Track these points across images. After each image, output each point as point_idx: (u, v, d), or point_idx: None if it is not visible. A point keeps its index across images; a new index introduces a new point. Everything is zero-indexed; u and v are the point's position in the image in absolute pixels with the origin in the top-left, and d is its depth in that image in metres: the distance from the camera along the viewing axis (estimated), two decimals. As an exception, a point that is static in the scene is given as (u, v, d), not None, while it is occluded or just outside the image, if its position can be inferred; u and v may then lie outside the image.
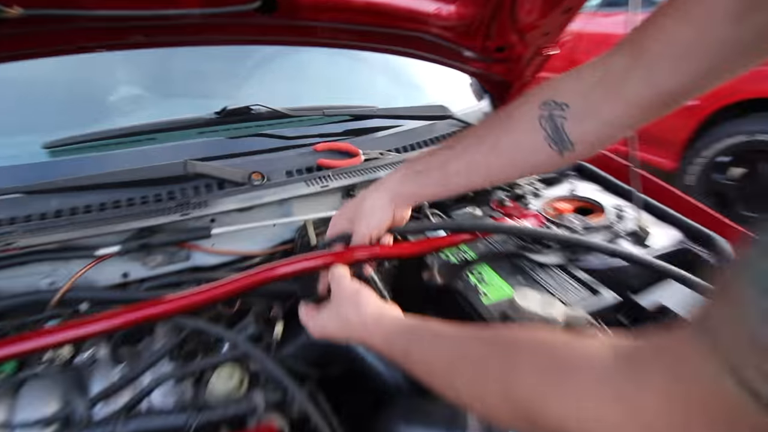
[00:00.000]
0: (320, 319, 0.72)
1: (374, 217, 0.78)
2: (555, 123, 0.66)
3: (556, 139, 0.67)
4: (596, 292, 0.88)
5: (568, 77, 0.68)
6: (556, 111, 0.66)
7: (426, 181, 0.76)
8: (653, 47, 0.57)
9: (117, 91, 1.35)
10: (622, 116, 0.63)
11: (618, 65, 0.62)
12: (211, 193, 1.01)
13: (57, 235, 0.85)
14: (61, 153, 1.03)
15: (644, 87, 0.59)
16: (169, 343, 0.83)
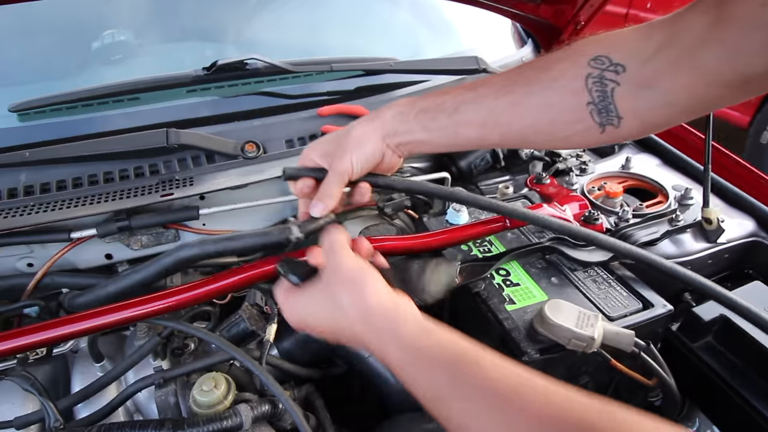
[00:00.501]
0: (301, 302, 0.59)
1: (361, 151, 0.65)
2: (605, 87, 0.54)
3: (602, 108, 0.55)
4: (645, 300, 0.78)
5: (629, 33, 0.55)
6: (608, 72, 0.54)
7: (429, 125, 0.64)
8: (740, 12, 0.46)
9: (101, 36, 1.26)
10: (688, 93, 0.51)
11: (693, 29, 0.49)
12: (199, 167, 0.94)
13: (28, 217, 0.80)
14: (30, 117, 0.96)
15: (722, 61, 0.48)
16: (152, 342, 0.79)
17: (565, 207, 0.94)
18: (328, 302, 0.56)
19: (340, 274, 0.56)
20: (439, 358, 0.48)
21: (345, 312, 0.54)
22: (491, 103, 0.62)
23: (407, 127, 0.65)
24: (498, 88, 0.62)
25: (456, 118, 0.63)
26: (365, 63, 1.14)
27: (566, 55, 0.58)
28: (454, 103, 0.64)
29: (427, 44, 1.43)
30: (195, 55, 1.25)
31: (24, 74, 1.12)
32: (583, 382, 0.78)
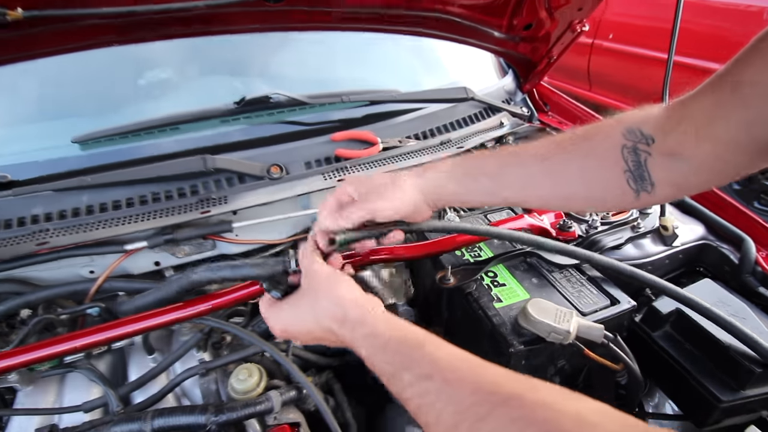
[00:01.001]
0: (284, 314, 0.57)
1: (400, 202, 0.62)
2: (638, 157, 0.53)
3: (637, 175, 0.54)
4: (612, 297, 0.79)
5: (654, 110, 0.55)
6: (641, 144, 0.53)
7: (472, 186, 0.62)
8: (748, 91, 0.44)
9: (144, 75, 1.26)
10: (714, 160, 0.49)
11: (706, 104, 0.49)
12: (231, 187, 0.94)
13: (89, 233, 0.82)
14: (89, 146, 0.97)
15: (737, 128, 0.46)
16: (195, 337, 0.80)
17: (543, 217, 0.95)
18: (307, 306, 0.55)
19: (316, 279, 0.55)
20: (398, 344, 0.47)
21: (323, 310, 0.53)
22: (533, 169, 0.60)
23: (451, 189, 0.63)
24: (539, 154, 0.60)
25: (498, 181, 0.61)
26: (371, 95, 1.14)
27: (602, 127, 0.58)
28: (497, 167, 0.62)
29: (421, 76, 1.44)
30: (224, 89, 1.25)
31: (82, 108, 1.13)
32: (561, 367, 0.79)
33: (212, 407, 0.67)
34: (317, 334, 0.54)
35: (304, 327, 0.55)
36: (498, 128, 1.22)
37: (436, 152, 1.07)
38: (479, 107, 1.25)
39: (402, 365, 0.45)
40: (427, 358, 0.44)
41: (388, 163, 1.02)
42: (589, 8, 1.06)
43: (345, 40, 1.29)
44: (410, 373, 0.44)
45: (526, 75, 1.37)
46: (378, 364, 0.47)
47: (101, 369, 0.79)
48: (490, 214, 1.02)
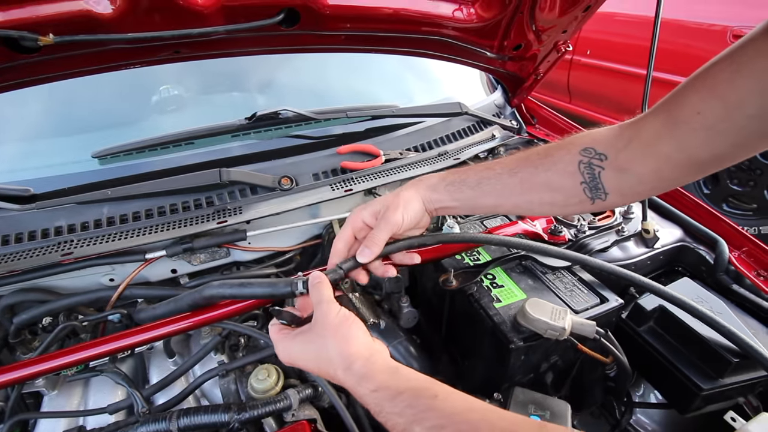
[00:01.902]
0: (294, 346, 0.56)
1: (410, 208, 0.66)
2: (593, 171, 0.58)
3: (592, 186, 0.59)
4: (602, 296, 0.81)
5: (606, 131, 0.60)
6: (595, 160, 0.58)
7: (457, 195, 0.67)
8: (685, 119, 0.50)
9: (158, 91, 1.27)
10: (656, 175, 0.55)
11: (652, 128, 0.54)
12: (245, 198, 0.95)
13: (111, 244, 0.82)
14: (108, 160, 0.97)
15: (676, 151, 0.52)
16: (214, 341, 0.81)
17: (535, 222, 0.97)
18: (317, 349, 0.54)
19: (327, 324, 0.54)
20: (408, 396, 0.46)
21: (331, 358, 0.52)
22: (505, 180, 0.65)
23: (439, 196, 0.68)
24: (510, 168, 0.65)
25: (478, 191, 0.66)
26: (372, 110, 1.17)
27: (563, 145, 0.63)
28: (477, 179, 0.67)
29: (417, 91, 1.46)
30: (236, 106, 1.27)
31: (101, 125, 1.13)
32: (554, 361, 0.81)
33: (235, 406, 0.68)
34: (322, 373, 0.54)
35: (311, 363, 0.55)
36: (490, 140, 1.25)
37: (435, 163, 1.10)
38: (472, 121, 1.28)
39: (413, 418, 0.44)
40: (439, 410, 0.44)
41: (391, 174, 1.04)
42: (573, 30, 1.10)
43: (347, 59, 1.31)
44: (422, 426, 0.44)
45: (514, 90, 1.40)
46: (387, 417, 0.47)
47: (125, 372, 0.79)
48: (486, 221, 1.04)
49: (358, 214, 0.67)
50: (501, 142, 1.24)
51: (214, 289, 0.65)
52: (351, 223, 0.67)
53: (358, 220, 0.67)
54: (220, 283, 0.66)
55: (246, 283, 0.63)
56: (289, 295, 0.61)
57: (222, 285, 0.65)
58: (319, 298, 0.57)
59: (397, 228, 0.65)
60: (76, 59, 0.76)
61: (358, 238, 0.67)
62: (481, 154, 1.23)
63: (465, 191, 0.67)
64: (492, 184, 0.66)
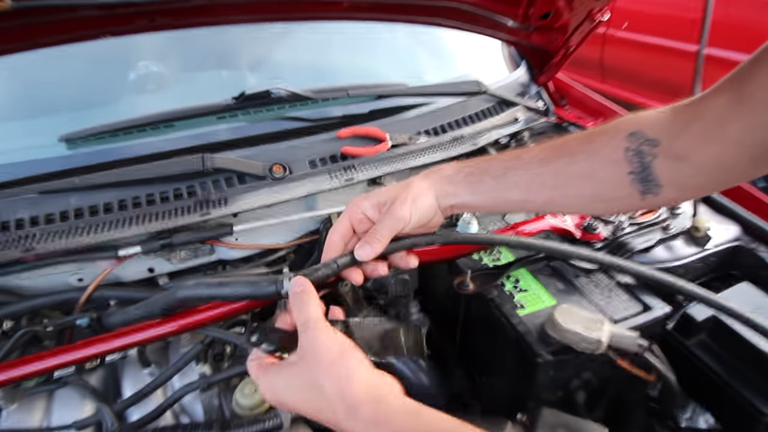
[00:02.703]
0: (279, 382, 0.49)
1: (420, 203, 0.62)
2: (643, 159, 0.55)
3: (642, 177, 0.55)
4: (644, 303, 0.78)
5: (657, 114, 0.57)
6: (645, 146, 0.55)
7: (478, 188, 0.63)
8: (757, 95, 0.47)
9: (137, 69, 1.26)
10: (718, 164, 0.52)
11: (715, 108, 0.51)
12: (231, 187, 0.93)
13: (79, 239, 0.80)
14: (77, 145, 0.96)
15: (746, 133, 0.49)
16: (195, 349, 0.79)
17: (565, 218, 0.94)
18: (308, 386, 0.47)
19: (318, 357, 0.47)
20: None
21: (327, 398, 0.46)
22: (537, 170, 0.61)
23: (455, 189, 0.64)
24: (543, 157, 0.62)
25: (503, 183, 0.62)
26: (377, 89, 1.14)
27: (605, 130, 0.59)
28: (501, 168, 0.63)
29: (428, 68, 1.43)
30: (221, 84, 1.25)
31: (68, 104, 1.12)
32: (588, 378, 0.78)
33: (217, 424, 0.66)
34: (321, 418, 0.48)
35: (305, 406, 0.48)
36: (513, 123, 1.21)
37: (449, 149, 1.07)
38: (492, 101, 1.24)
39: None
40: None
41: (398, 161, 1.02)
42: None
43: (347, 31, 1.28)
44: None
45: (540, 66, 1.36)
46: None
47: (93, 384, 0.77)
48: (509, 216, 1.01)
49: (358, 205, 0.64)
50: (525, 125, 1.20)
51: (188, 290, 0.63)
52: (349, 214, 0.64)
53: (358, 212, 0.64)
54: (195, 283, 0.63)
55: (224, 282, 0.61)
56: (274, 295, 0.58)
57: (197, 285, 0.63)
58: (305, 318, 0.50)
59: (403, 225, 0.62)
60: (39, 28, 0.74)
61: (357, 232, 0.64)
62: (503, 139, 1.20)
63: (487, 183, 0.63)
64: (520, 175, 0.62)
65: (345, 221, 0.64)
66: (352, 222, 0.64)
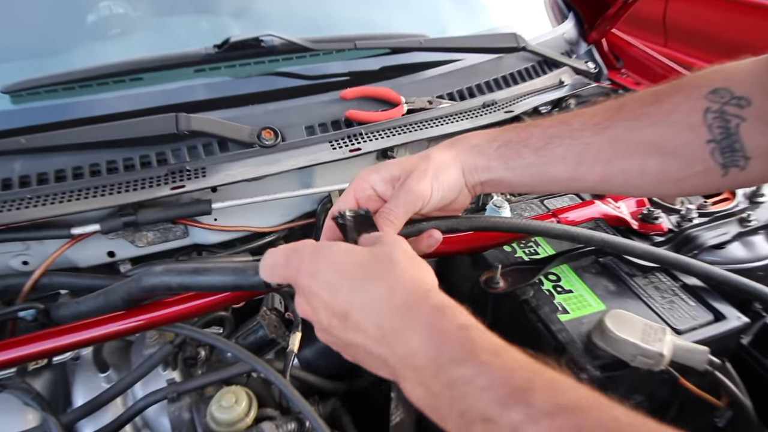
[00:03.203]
0: (337, 248, 0.49)
1: (444, 178, 0.60)
2: (728, 123, 0.53)
3: (725, 146, 0.53)
4: (716, 311, 0.76)
5: (748, 65, 0.54)
6: (731, 106, 0.52)
7: (512, 162, 0.61)
8: None
9: (96, 8, 1.24)
10: None
11: None
12: (211, 155, 0.92)
13: (24, 212, 0.79)
14: (24, 99, 0.94)
15: None
16: (163, 350, 0.78)
17: (620, 204, 0.93)
18: (368, 255, 0.47)
19: (393, 242, 0.49)
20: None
21: (392, 271, 0.45)
22: (588, 139, 0.59)
23: (486, 162, 0.62)
24: (596, 122, 0.59)
25: (544, 155, 0.60)
26: (392, 40, 1.11)
27: (679, 87, 0.57)
28: (543, 137, 0.61)
29: (455, 18, 1.41)
30: (200, 29, 1.23)
31: (10, 50, 1.11)
32: (641, 401, 0.76)
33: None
34: (368, 306, 0.44)
35: (354, 282, 0.46)
36: (557, 88, 1.19)
37: (478, 117, 1.05)
38: (532, 60, 1.22)
39: None
40: None
41: (415, 130, 1.00)
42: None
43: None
44: None
45: (592, 20, 1.35)
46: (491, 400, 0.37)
47: (37, 389, 0.77)
48: (547, 200, 1.00)
49: (366, 179, 0.62)
50: (572, 91, 1.18)
51: (155, 276, 0.62)
52: (355, 190, 0.62)
53: (366, 187, 0.61)
54: (164, 269, 0.62)
55: (201, 269, 0.59)
56: (263, 287, 0.57)
57: (167, 271, 0.61)
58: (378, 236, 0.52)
59: (422, 204, 0.59)
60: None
61: None
62: (543, 108, 1.18)
63: (526, 156, 0.61)
64: (567, 146, 0.60)
65: (349, 198, 0.62)
66: (359, 200, 0.62)
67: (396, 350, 0.42)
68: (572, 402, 0.36)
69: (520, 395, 0.36)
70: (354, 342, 0.46)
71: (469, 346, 0.40)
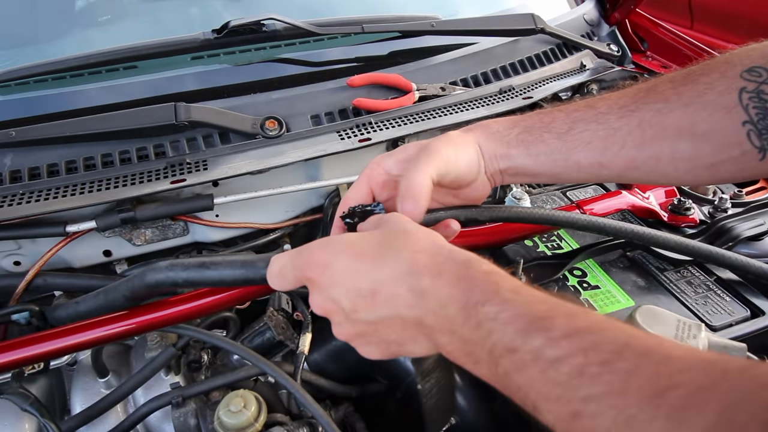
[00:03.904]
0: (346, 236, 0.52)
1: (465, 152, 0.60)
2: (765, 103, 0.53)
3: (762, 128, 0.53)
4: (753, 306, 0.78)
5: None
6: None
7: (534, 148, 0.62)
8: None
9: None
10: None
11: None
12: (211, 147, 0.93)
13: (16, 209, 0.80)
14: (11, 89, 0.96)
15: None
16: (167, 353, 0.79)
17: (648, 194, 0.94)
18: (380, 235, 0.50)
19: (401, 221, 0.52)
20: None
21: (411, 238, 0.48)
22: (615, 123, 0.60)
23: (505, 150, 0.62)
24: (624, 104, 0.60)
25: (568, 140, 0.61)
26: (401, 23, 1.12)
27: (713, 66, 0.57)
28: (567, 122, 0.61)
29: (461, 1, 1.42)
30: (198, 12, 1.25)
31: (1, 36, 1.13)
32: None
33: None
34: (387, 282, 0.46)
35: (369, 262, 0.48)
36: (578, 73, 1.21)
37: (494, 104, 1.06)
38: (551, 43, 1.23)
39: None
40: None
41: (427, 119, 1.01)
42: None
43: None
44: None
45: (614, 0, 1.35)
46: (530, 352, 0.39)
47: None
48: (570, 191, 1.01)
49: (380, 164, 0.62)
50: (594, 75, 1.19)
51: (160, 272, 0.63)
52: (368, 177, 0.62)
53: (380, 172, 0.61)
54: (169, 263, 0.63)
55: (209, 263, 0.60)
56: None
57: (173, 266, 0.63)
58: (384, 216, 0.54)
59: (447, 166, 0.58)
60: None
61: (379, 200, 0.62)
62: (564, 94, 1.19)
63: (549, 141, 0.62)
64: (593, 130, 0.61)
65: (363, 186, 0.62)
66: (373, 187, 0.62)
67: (430, 306, 0.45)
68: (588, 324, 0.39)
69: (540, 323, 0.40)
70: (386, 317, 0.47)
71: (494, 287, 0.43)
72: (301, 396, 0.71)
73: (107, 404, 0.78)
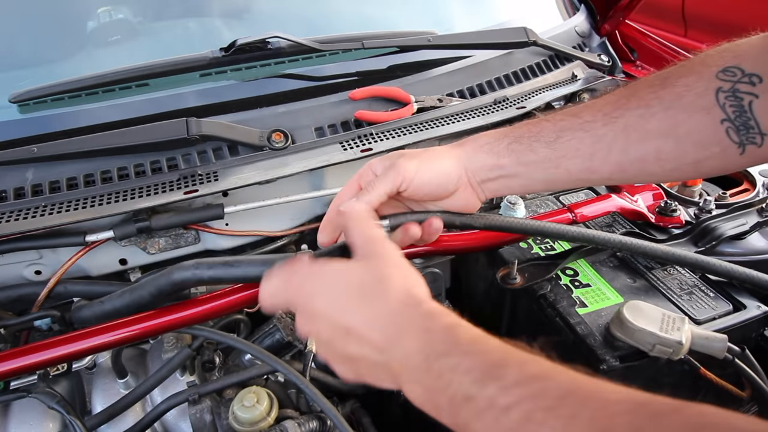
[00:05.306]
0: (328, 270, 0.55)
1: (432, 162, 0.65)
2: (740, 101, 0.56)
3: (740, 124, 0.56)
4: (735, 301, 0.82)
5: (759, 41, 0.58)
6: (743, 84, 0.56)
7: (524, 157, 0.65)
8: None
9: (96, 15, 1.31)
10: None
11: None
12: (221, 159, 0.98)
13: (37, 221, 0.85)
14: (31, 108, 1.01)
15: None
16: (182, 354, 0.84)
17: (636, 197, 0.98)
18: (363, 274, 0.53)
19: (386, 257, 0.54)
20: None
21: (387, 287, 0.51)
22: (601, 130, 0.62)
23: (496, 160, 0.66)
24: (607, 111, 0.63)
25: (557, 148, 0.63)
26: (400, 39, 1.18)
27: (689, 68, 0.60)
28: (554, 131, 0.64)
29: (461, 14, 1.47)
30: (204, 33, 1.30)
31: (12, 59, 1.18)
32: (661, 391, 0.81)
33: (212, 441, 0.71)
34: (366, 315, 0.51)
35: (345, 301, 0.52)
36: (570, 82, 1.25)
37: (489, 114, 1.10)
38: (544, 55, 1.28)
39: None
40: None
41: (426, 129, 1.05)
42: None
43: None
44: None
45: (604, 12, 1.40)
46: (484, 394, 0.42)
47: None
48: (563, 196, 1.05)
49: (369, 165, 0.69)
50: (585, 85, 1.24)
51: (187, 270, 0.68)
52: (359, 176, 0.69)
53: (369, 173, 0.69)
54: (195, 262, 0.68)
55: (233, 261, 0.66)
56: None
57: (198, 265, 0.68)
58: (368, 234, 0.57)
59: (401, 180, 0.64)
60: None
61: None
62: (556, 103, 1.23)
63: (538, 150, 0.65)
64: (580, 138, 0.64)
65: (354, 184, 0.69)
66: (363, 183, 0.68)
67: (396, 355, 0.49)
68: (539, 372, 0.42)
69: (494, 372, 0.43)
70: (357, 355, 0.51)
71: (454, 340, 0.46)
72: (310, 391, 0.75)
73: (128, 402, 0.82)
